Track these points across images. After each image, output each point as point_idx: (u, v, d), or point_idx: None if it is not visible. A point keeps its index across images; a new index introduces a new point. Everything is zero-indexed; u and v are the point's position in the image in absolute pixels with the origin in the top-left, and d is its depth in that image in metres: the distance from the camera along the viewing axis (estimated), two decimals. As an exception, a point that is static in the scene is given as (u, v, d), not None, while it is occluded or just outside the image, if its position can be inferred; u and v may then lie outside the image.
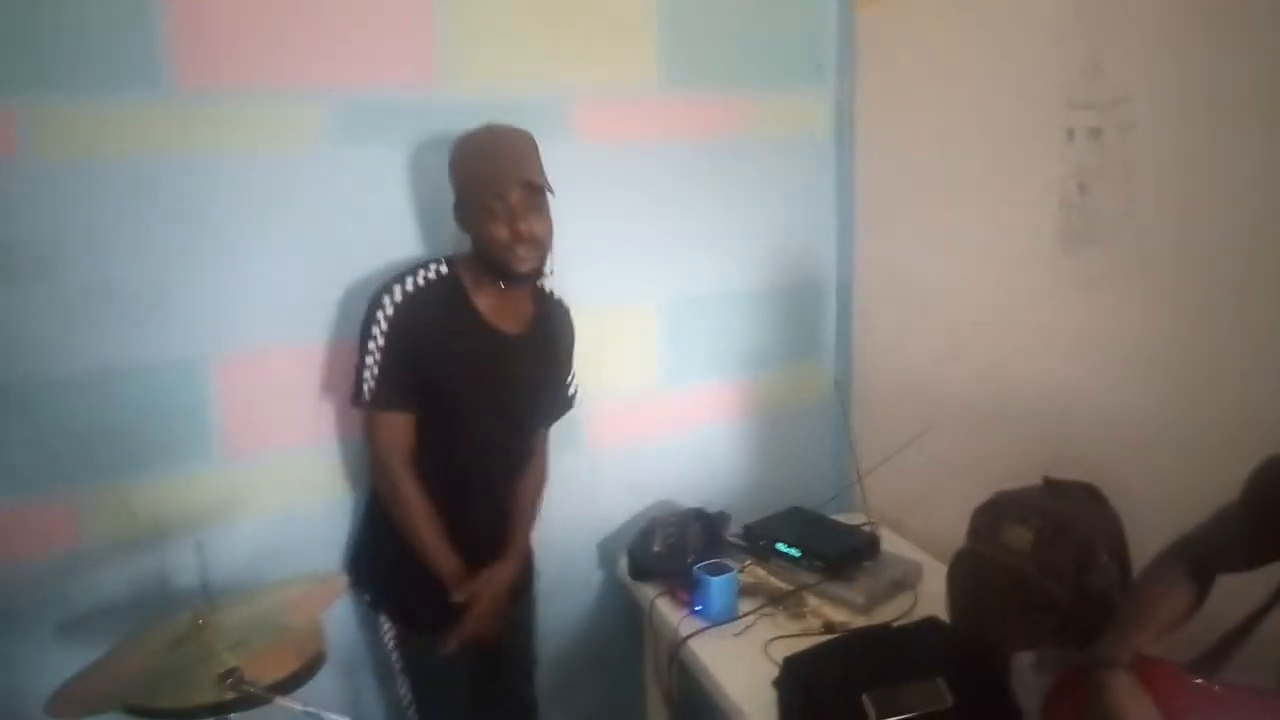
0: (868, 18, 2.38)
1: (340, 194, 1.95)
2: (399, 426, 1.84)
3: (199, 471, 1.90)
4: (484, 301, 1.87)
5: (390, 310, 1.80)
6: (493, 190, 1.75)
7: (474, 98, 1.90)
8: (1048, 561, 1.56)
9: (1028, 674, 1.53)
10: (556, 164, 2.06)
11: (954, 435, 2.22)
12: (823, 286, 2.57)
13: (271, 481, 1.97)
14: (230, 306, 1.89)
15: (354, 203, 1.96)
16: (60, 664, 1.43)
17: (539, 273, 1.84)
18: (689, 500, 2.37)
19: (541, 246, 1.81)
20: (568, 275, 2.06)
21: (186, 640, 1.38)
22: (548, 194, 1.81)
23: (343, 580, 1.53)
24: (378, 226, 1.98)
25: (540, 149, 1.84)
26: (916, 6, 2.22)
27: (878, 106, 2.40)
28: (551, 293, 2.04)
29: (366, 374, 1.81)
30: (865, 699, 1.49)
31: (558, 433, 2.14)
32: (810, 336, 2.58)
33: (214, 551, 1.55)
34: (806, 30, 2.42)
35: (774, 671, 1.67)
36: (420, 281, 1.83)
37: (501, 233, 1.76)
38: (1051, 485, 1.69)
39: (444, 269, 1.86)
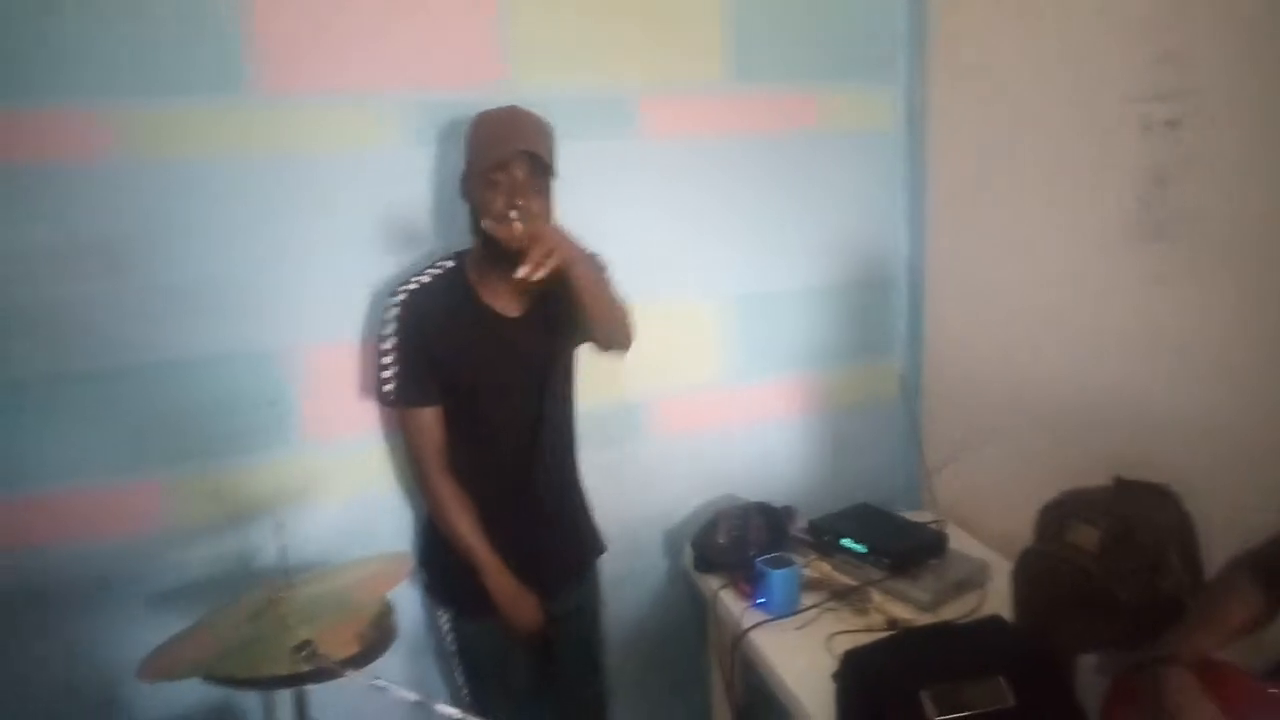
0: (938, 9, 2.35)
1: (415, 192, 2.02)
2: (426, 419, 1.87)
3: (278, 456, 1.99)
4: (486, 286, 1.88)
5: (397, 309, 1.85)
6: (496, 159, 1.74)
7: (542, 96, 1.93)
8: (1115, 563, 1.53)
9: (1092, 676, 1.51)
10: (624, 160, 2.10)
11: (1024, 433, 2.18)
12: (891, 282, 2.55)
13: (347, 466, 2.05)
14: (311, 300, 1.97)
15: (428, 200, 2.03)
16: (149, 634, 1.51)
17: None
18: (754, 494, 2.37)
19: (536, 223, 1.76)
20: (634, 270, 2.08)
21: (264, 614, 1.44)
22: (551, 179, 1.80)
23: (410, 561, 1.58)
24: (451, 223, 2.04)
25: (605, 145, 1.85)
26: (989, -2, 2.19)
27: (948, 99, 2.37)
28: None
29: (387, 374, 1.86)
30: (924, 695, 1.48)
31: (622, 423, 2.17)
32: (878, 332, 2.57)
33: (290, 532, 1.62)
34: (876, 23, 2.40)
35: (835, 666, 1.67)
36: (425, 278, 1.87)
37: (497, 202, 1.75)
38: (1122, 485, 1.65)
39: (450, 263, 1.90)
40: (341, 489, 2.05)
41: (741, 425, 2.45)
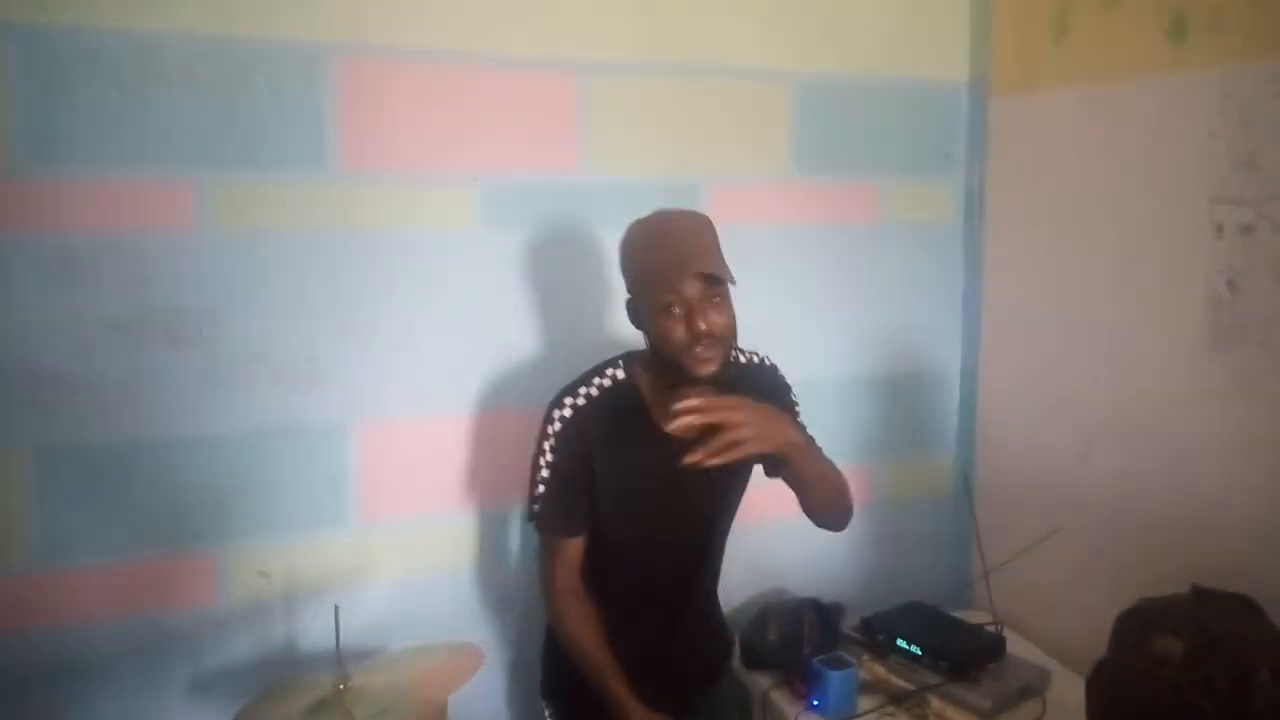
0: (1000, 109, 2.39)
1: (487, 271, 2.04)
2: (568, 548, 1.73)
3: (334, 535, 1.97)
4: (659, 405, 1.68)
5: (559, 424, 1.69)
6: (667, 286, 1.55)
7: (614, 181, 1.97)
8: (1201, 676, 1.48)
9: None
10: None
11: (1087, 537, 2.14)
12: (947, 376, 2.55)
13: (404, 548, 2.03)
14: (376, 376, 1.97)
15: (500, 280, 2.06)
16: (192, 717, 1.47)
17: (722, 373, 1.62)
18: (801, 588, 2.33)
19: (722, 343, 1.60)
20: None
21: (327, 706, 1.40)
22: (729, 284, 1.60)
23: (480, 655, 1.53)
24: (522, 302, 2.06)
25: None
26: (1051, 98, 2.22)
27: (1008, 196, 2.39)
28: (742, 358, 1.85)
29: (539, 490, 1.72)
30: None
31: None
32: (933, 427, 2.55)
33: (343, 614, 1.58)
34: (937, 120, 2.45)
35: (901, 775, 1.62)
36: (593, 391, 1.71)
37: (678, 333, 1.56)
38: (1201, 594, 1.61)
39: (620, 374, 1.73)
40: (396, 570, 2.02)
41: (791, 517, 2.40)
